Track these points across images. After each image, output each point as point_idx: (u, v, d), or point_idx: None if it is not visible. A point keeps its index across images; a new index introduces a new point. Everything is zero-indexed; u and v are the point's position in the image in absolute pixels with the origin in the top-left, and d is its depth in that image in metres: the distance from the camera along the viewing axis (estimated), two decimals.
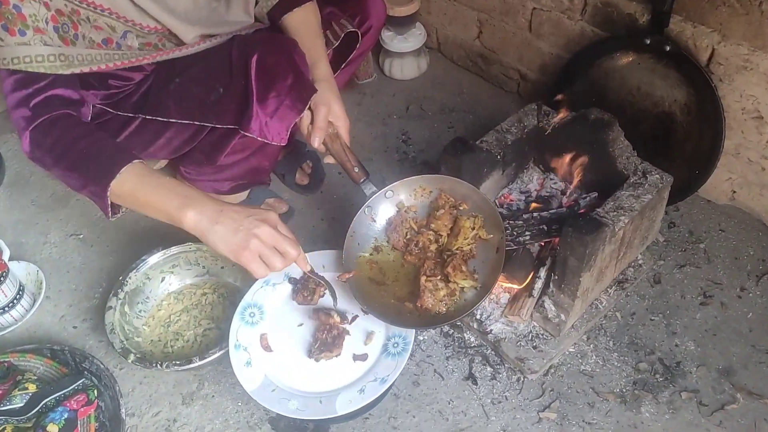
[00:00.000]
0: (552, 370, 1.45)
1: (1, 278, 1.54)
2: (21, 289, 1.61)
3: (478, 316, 1.48)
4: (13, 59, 1.17)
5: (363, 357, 1.33)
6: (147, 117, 1.43)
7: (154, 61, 1.39)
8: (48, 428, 1.28)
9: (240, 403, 1.46)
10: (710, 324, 1.50)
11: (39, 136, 1.19)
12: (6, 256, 1.61)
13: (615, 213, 1.35)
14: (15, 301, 1.59)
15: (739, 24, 1.39)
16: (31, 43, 1.17)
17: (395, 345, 1.33)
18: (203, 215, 1.14)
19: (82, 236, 1.81)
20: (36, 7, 1.17)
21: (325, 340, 1.33)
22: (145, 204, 1.18)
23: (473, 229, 1.35)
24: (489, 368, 1.46)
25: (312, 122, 1.37)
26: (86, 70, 1.25)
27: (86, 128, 1.22)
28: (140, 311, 1.56)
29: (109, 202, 1.18)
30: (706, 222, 1.69)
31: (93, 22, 1.27)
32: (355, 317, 1.38)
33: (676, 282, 1.58)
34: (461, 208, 1.38)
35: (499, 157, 1.52)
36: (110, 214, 1.21)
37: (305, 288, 1.40)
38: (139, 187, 1.17)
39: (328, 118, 1.37)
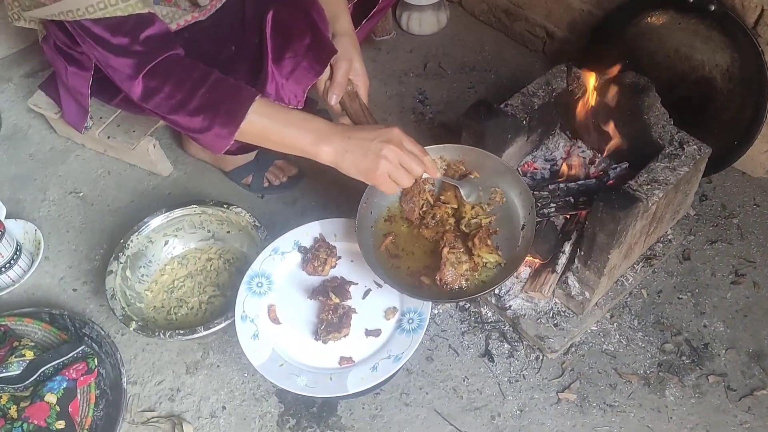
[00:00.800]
0: (573, 349, 1.39)
1: None
2: (18, 249, 1.55)
3: (496, 291, 1.41)
4: (88, 8, 1.10)
5: (376, 332, 1.26)
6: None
7: (178, 26, 1.30)
8: (46, 398, 1.23)
9: (246, 374, 1.40)
10: (741, 304, 1.43)
11: (153, 84, 1.16)
12: (2, 215, 1.54)
13: (649, 186, 1.26)
14: (12, 262, 1.53)
15: None
16: None
17: (410, 321, 1.26)
18: (335, 147, 1.15)
19: (82, 194, 1.73)
20: None
21: (331, 320, 1.25)
22: (275, 142, 1.19)
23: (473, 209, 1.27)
24: (506, 345, 1.40)
25: (330, 78, 1.28)
26: (155, 11, 1.18)
27: (201, 70, 1.18)
28: (142, 276, 1.49)
29: (232, 142, 1.17)
30: (740, 196, 1.60)
31: None
32: (368, 291, 1.30)
33: (707, 259, 1.50)
34: (472, 176, 1.29)
35: (524, 122, 1.42)
36: (222, 152, 1.21)
37: (315, 258, 1.33)
38: (269, 125, 1.17)
39: (348, 74, 1.28)
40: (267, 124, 1.17)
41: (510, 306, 1.40)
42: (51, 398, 1.24)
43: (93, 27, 1.14)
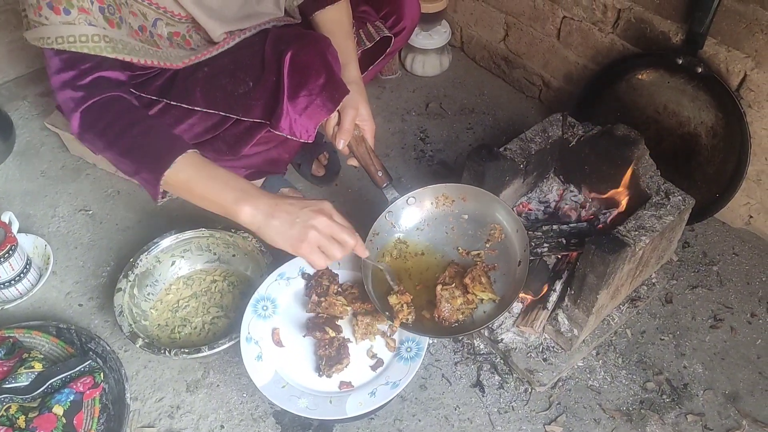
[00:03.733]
0: (560, 384, 1.45)
1: (10, 251, 1.52)
2: (28, 263, 1.59)
3: (489, 325, 1.48)
4: (57, 38, 1.14)
5: (379, 363, 1.32)
6: (171, 102, 1.41)
7: (185, 63, 1.37)
8: (54, 410, 1.27)
9: (245, 395, 1.45)
10: (719, 348, 1.51)
11: (90, 118, 1.18)
12: (15, 229, 1.59)
13: (636, 232, 1.35)
14: (22, 275, 1.57)
15: None
16: (76, 22, 1.14)
17: (408, 350, 1.32)
18: (259, 210, 1.15)
19: (91, 212, 1.78)
20: None
21: (330, 354, 1.31)
22: (199, 196, 1.19)
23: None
24: (497, 377, 1.46)
25: (338, 124, 1.36)
26: (127, 58, 1.23)
27: (139, 114, 1.22)
28: (148, 294, 1.54)
29: (161, 190, 1.17)
30: (720, 244, 1.69)
31: (130, 7, 1.25)
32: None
33: (688, 303, 1.58)
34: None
35: (521, 166, 1.51)
36: (158, 200, 1.21)
37: (318, 285, 1.39)
38: (194, 178, 1.17)
39: (355, 120, 1.36)
40: (192, 175, 1.17)
41: (502, 339, 1.47)
42: (58, 410, 1.27)
43: (54, 57, 1.18)
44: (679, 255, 1.67)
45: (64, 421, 1.27)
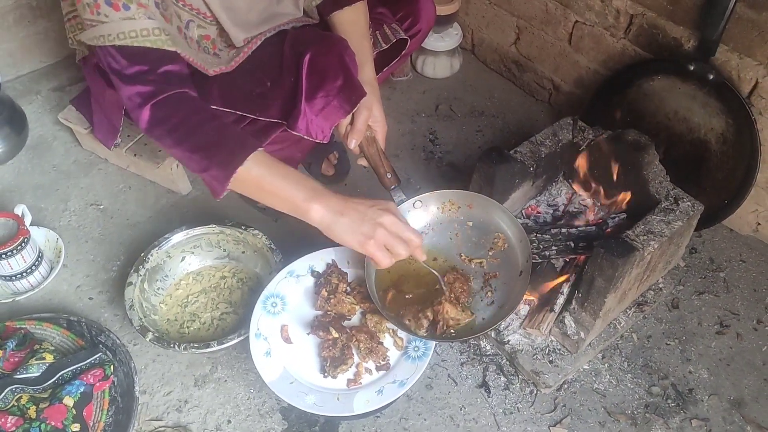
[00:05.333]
0: (565, 386, 1.46)
1: (23, 244, 1.53)
2: (40, 256, 1.61)
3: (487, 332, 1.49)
4: (119, 34, 1.16)
5: (386, 366, 1.33)
6: None
7: (215, 72, 1.38)
8: (64, 400, 1.28)
9: (252, 390, 1.46)
10: (725, 354, 1.51)
11: (160, 114, 1.19)
12: (28, 221, 1.60)
13: (645, 237, 1.35)
14: (33, 267, 1.59)
15: None
16: (136, 17, 1.16)
17: (416, 349, 1.33)
18: (329, 208, 1.17)
19: (102, 207, 1.80)
20: None
21: (334, 355, 1.32)
22: (269, 192, 1.20)
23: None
24: (503, 378, 1.47)
25: (351, 124, 1.37)
26: (181, 52, 1.24)
27: (209, 112, 1.24)
28: (158, 289, 1.56)
29: (228, 187, 1.19)
30: (727, 251, 1.69)
31: (166, 10, 1.26)
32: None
33: (694, 308, 1.59)
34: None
35: (531, 169, 1.52)
36: (220, 196, 1.22)
37: (328, 282, 1.40)
38: (266, 175, 1.19)
39: (367, 121, 1.37)
40: (264, 173, 1.19)
41: (508, 341, 1.48)
42: (69, 401, 1.29)
43: (117, 53, 1.19)
44: (687, 260, 1.67)
45: (74, 412, 1.28)
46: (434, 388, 1.46)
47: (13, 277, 1.56)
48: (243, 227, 1.57)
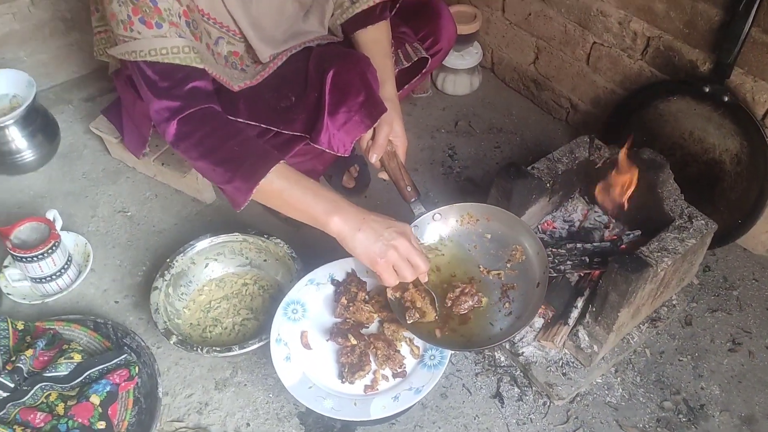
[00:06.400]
0: (578, 398, 1.48)
1: (53, 247, 1.59)
2: (69, 260, 1.66)
3: (511, 338, 1.52)
4: (150, 51, 1.22)
5: (402, 374, 1.36)
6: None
7: (239, 87, 1.44)
8: (91, 399, 1.33)
9: (271, 395, 1.50)
10: (737, 371, 1.53)
11: (186, 128, 1.25)
12: (59, 226, 1.66)
13: (659, 254, 1.38)
14: (62, 271, 1.64)
15: None
16: (168, 35, 1.22)
17: (432, 357, 1.36)
18: (347, 222, 1.22)
19: (129, 214, 1.85)
20: (170, 2, 1.22)
21: (352, 362, 1.36)
22: (290, 204, 1.25)
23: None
24: (516, 389, 1.50)
25: (373, 138, 1.42)
26: (209, 70, 1.30)
27: (233, 127, 1.29)
28: (182, 294, 1.61)
29: (250, 198, 1.24)
30: (740, 270, 1.71)
31: (199, 24, 1.32)
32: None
33: (707, 326, 1.61)
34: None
35: (548, 185, 1.55)
36: (241, 207, 1.27)
37: (347, 291, 1.44)
38: (287, 188, 1.24)
39: (388, 136, 1.42)
40: (285, 185, 1.24)
41: (523, 353, 1.51)
42: (95, 399, 1.33)
43: (147, 69, 1.25)
44: (700, 278, 1.69)
45: (100, 411, 1.33)
46: (449, 398, 1.49)
47: (43, 280, 1.62)
48: (265, 236, 1.62)
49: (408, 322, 1.31)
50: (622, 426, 1.44)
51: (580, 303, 1.48)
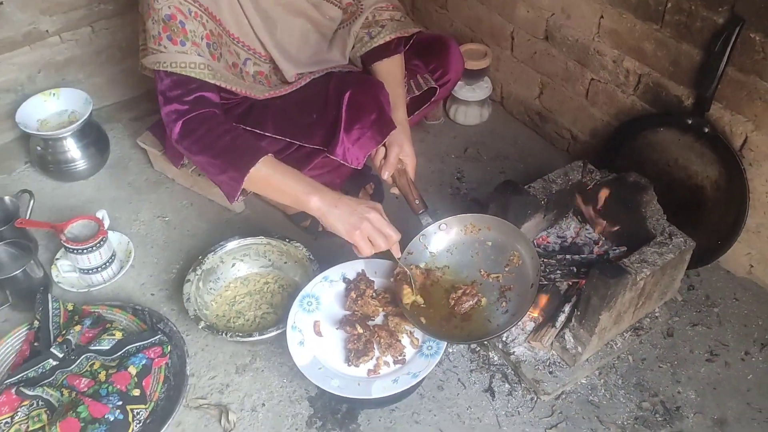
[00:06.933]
0: (563, 396, 1.62)
1: (101, 242, 1.80)
2: (113, 255, 1.87)
3: (504, 338, 1.67)
4: (171, 63, 1.45)
5: (402, 361, 1.53)
6: (247, 128, 1.68)
7: (263, 96, 1.66)
8: (129, 369, 1.51)
9: (285, 380, 1.66)
10: (712, 379, 1.65)
11: (189, 127, 1.47)
12: (107, 224, 1.87)
13: (639, 265, 1.54)
14: (107, 264, 1.84)
15: None
16: (188, 52, 1.45)
17: (429, 348, 1.52)
18: (324, 200, 1.43)
19: (167, 219, 2.06)
20: (196, 25, 1.45)
21: (357, 348, 1.52)
22: (275, 188, 1.47)
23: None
24: (507, 385, 1.64)
25: (385, 157, 1.61)
26: (221, 84, 1.53)
27: (229, 126, 1.51)
28: (210, 288, 1.79)
29: (241, 188, 1.45)
30: (723, 290, 1.85)
31: (228, 47, 1.55)
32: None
33: (688, 338, 1.74)
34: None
35: (542, 202, 1.72)
36: (235, 198, 1.49)
37: (356, 287, 1.61)
38: (273, 174, 1.45)
39: (399, 156, 1.61)
40: (271, 172, 1.46)
41: (514, 352, 1.66)
42: (132, 370, 1.51)
43: (166, 78, 1.50)
44: (684, 296, 1.83)
45: (136, 380, 1.51)
46: (445, 390, 1.64)
47: (90, 271, 1.82)
48: (287, 240, 1.80)
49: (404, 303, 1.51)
50: (603, 422, 1.57)
51: (567, 308, 1.63)
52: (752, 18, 1.49)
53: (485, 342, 1.68)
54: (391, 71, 1.75)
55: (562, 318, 1.62)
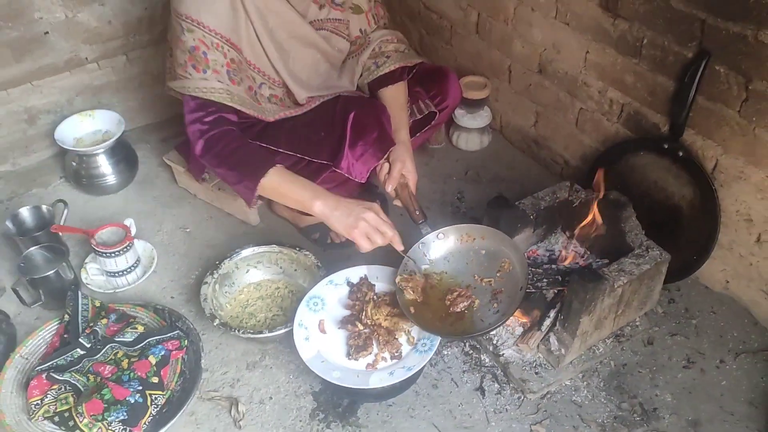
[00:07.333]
0: (548, 395, 1.74)
1: (127, 247, 1.97)
2: (137, 261, 2.04)
3: (494, 342, 1.81)
4: (195, 88, 1.66)
5: (398, 356, 1.67)
6: (262, 144, 1.87)
7: (276, 117, 1.86)
8: (149, 358, 1.66)
9: (291, 377, 1.80)
10: (688, 384, 1.77)
11: (210, 143, 1.68)
12: (133, 232, 2.05)
13: (616, 273, 1.68)
14: (132, 268, 2.01)
15: (737, 142, 1.73)
16: (209, 79, 1.66)
17: (423, 345, 1.66)
18: (326, 204, 1.62)
19: (188, 230, 2.24)
20: (217, 55, 1.66)
21: (358, 344, 1.67)
22: (284, 194, 1.67)
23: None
24: (497, 385, 1.77)
25: (388, 173, 1.79)
26: (238, 107, 1.72)
27: (244, 141, 1.71)
28: (226, 292, 1.95)
29: (256, 194, 1.64)
30: (701, 303, 1.97)
31: (245, 72, 1.75)
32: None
33: (666, 346, 1.86)
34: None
35: (531, 217, 1.87)
36: (252, 203, 1.68)
37: (358, 290, 1.77)
38: (282, 182, 1.65)
39: (401, 171, 1.79)
40: (280, 181, 1.66)
41: (503, 354, 1.79)
42: (152, 359, 1.67)
43: (191, 101, 1.71)
44: (664, 308, 1.96)
45: (155, 369, 1.66)
46: (439, 388, 1.77)
47: (116, 274, 1.99)
48: (297, 248, 1.97)
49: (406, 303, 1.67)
50: (584, 420, 1.70)
51: (552, 313, 1.76)
52: (717, 52, 1.66)
53: (477, 337, 1.81)
54: (395, 97, 1.93)
55: (547, 322, 1.75)
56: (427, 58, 2.56)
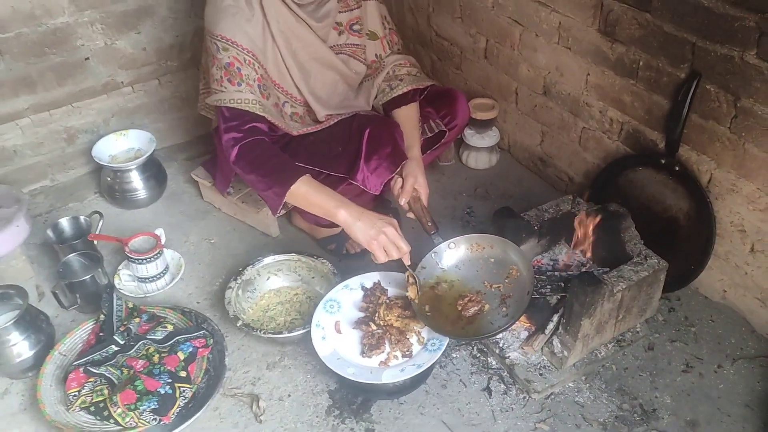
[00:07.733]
0: (552, 396, 1.84)
1: (158, 254, 2.11)
2: (166, 268, 2.17)
3: (501, 345, 1.91)
4: (230, 100, 1.81)
5: (409, 355, 1.78)
6: None
7: (299, 132, 2.01)
8: (178, 354, 1.79)
9: (309, 376, 1.91)
10: (687, 387, 1.85)
11: (244, 152, 1.81)
12: (163, 241, 2.19)
13: (616, 279, 1.78)
14: (160, 275, 2.15)
15: (728, 156, 1.84)
16: (243, 91, 1.81)
17: (433, 344, 1.77)
18: (351, 214, 1.73)
19: (213, 241, 2.38)
20: (249, 70, 1.81)
21: (371, 343, 1.79)
22: (311, 202, 1.78)
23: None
24: (503, 385, 1.87)
25: (402, 187, 1.92)
26: (268, 118, 1.88)
27: (276, 150, 1.84)
28: (248, 297, 2.07)
29: (283, 201, 1.77)
30: (700, 312, 2.06)
31: (272, 90, 1.90)
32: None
33: (666, 351, 1.95)
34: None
35: (536, 227, 1.99)
36: (277, 211, 1.81)
37: (372, 293, 1.89)
38: (309, 191, 1.78)
39: (413, 186, 1.91)
40: (308, 189, 1.77)
41: (509, 356, 1.89)
42: (181, 355, 1.79)
43: (226, 111, 1.85)
44: (665, 316, 2.05)
45: (183, 364, 1.78)
46: (448, 388, 1.87)
47: (147, 279, 2.13)
48: (315, 257, 2.09)
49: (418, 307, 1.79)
50: (586, 419, 1.78)
51: (555, 318, 1.87)
52: (707, 72, 1.78)
53: (486, 339, 1.91)
54: (408, 116, 2.08)
55: (551, 326, 1.86)
56: (438, 82, 2.70)
